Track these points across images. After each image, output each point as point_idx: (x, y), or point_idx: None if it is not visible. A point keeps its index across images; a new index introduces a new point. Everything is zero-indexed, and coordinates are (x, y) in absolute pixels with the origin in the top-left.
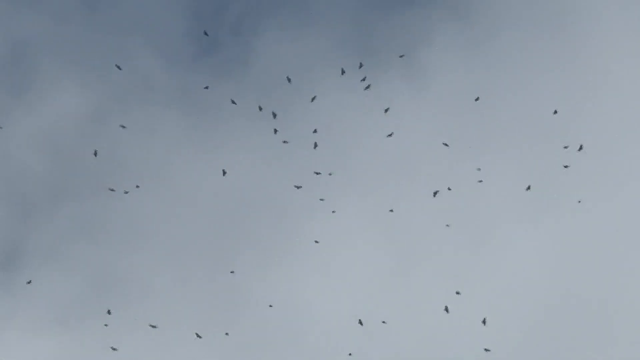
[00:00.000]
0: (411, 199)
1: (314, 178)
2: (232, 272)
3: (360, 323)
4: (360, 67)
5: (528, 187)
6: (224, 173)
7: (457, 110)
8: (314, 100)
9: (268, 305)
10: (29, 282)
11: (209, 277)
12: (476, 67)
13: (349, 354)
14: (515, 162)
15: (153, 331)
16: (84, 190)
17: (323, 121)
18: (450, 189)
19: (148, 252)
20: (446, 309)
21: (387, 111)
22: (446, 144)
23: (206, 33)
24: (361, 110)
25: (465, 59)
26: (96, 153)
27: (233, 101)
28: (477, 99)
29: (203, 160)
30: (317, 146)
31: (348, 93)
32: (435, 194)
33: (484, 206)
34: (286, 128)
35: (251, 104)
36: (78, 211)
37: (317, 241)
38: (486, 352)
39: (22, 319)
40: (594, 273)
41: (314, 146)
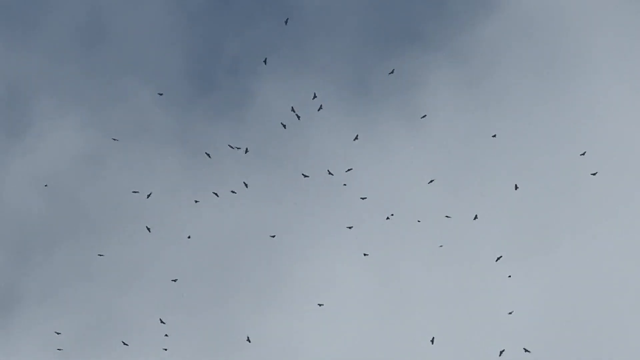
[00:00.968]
0: (406, 241)
1: (308, 218)
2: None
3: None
4: (314, 98)
5: (516, 187)
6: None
7: (452, 149)
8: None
9: (262, 343)
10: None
11: (205, 315)
12: (471, 108)
13: None
14: (509, 199)
15: None
16: (81, 230)
17: (317, 163)
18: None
19: (144, 292)
20: (432, 341)
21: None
22: (432, 180)
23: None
24: (357, 151)
25: (460, 100)
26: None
27: (230, 146)
28: (494, 136)
29: (199, 199)
30: (311, 188)
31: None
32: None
33: (478, 246)
34: (281, 169)
35: (248, 145)
36: (75, 252)
37: (321, 304)
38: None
39: (21, 358)
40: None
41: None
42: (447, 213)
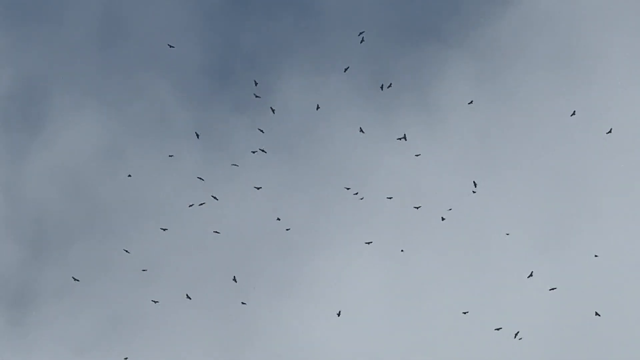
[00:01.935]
0: (421, 237)
1: (326, 214)
2: (244, 304)
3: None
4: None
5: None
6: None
7: (469, 143)
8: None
9: (278, 337)
10: None
11: (222, 310)
12: (488, 102)
13: None
14: (525, 193)
15: None
16: (98, 225)
17: (336, 158)
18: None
19: (161, 286)
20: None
21: (402, 139)
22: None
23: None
24: (374, 145)
25: (477, 95)
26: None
27: (261, 130)
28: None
29: (218, 194)
30: (330, 183)
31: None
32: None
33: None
34: (302, 164)
35: (267, 139)
36: (93, 247)
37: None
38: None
39: (37, 355)
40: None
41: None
42: (463, 207)
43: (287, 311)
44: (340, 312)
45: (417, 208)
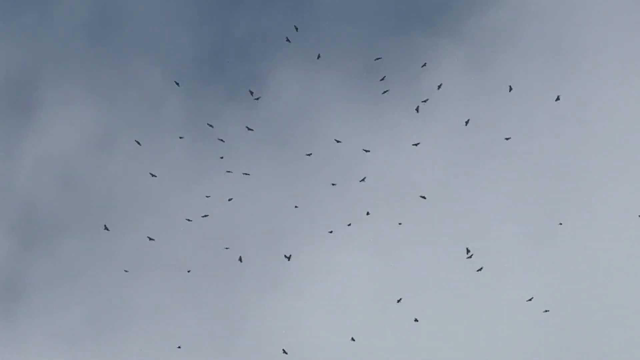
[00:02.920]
0: (411, 229)
1: (315, 204)
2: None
3: (352, 340)
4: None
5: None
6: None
7: (457, 134)
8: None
9: (265, 331)
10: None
11: (210, 301)
12: (476, 89)
13: None
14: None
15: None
16: (90, 216)
17: (326, 148)
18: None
19: (151, 278)
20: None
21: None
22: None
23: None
24: (365, 136)
25: (465, 85)
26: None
27: (249, 128)
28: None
29: (208, 185)
30: (319, 173)
31: (354, 116)
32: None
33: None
34: (292, 155)
35: (260, 131)
36: (83, 238)
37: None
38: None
39: (27, 347)
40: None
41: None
42: (452, 198)
43: (275, 305)
44: (353, 338)
45: (424, 197)
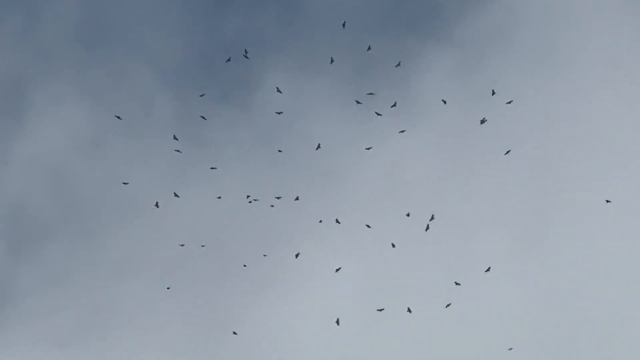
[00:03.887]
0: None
1: (308, 210)
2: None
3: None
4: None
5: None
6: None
7: (445, 137)
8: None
9: (254, 334)
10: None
11: (201, 305)
12: (465, 92)
13: None
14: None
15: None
16: (79, 218)
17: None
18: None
19: (141, 280)
20: (409, 310)
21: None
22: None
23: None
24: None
25: (453, 89)
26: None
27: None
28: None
29: (199, 188)
30: (308, 179)
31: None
32: (427, 228)
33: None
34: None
35: (250, 134)
36: (72, 241)
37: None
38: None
39: (16, 350)
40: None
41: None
42: (439, 203)
43: (267, 308)
44: (338, 320)
45: (408, 215)
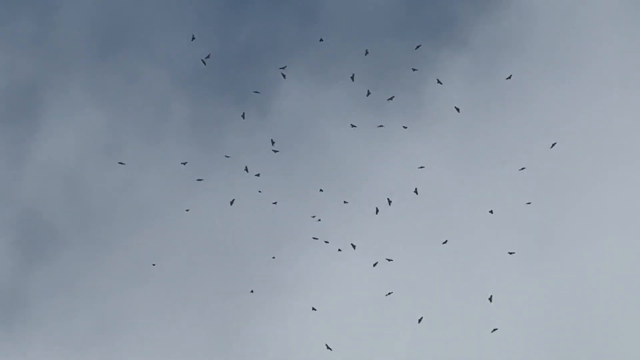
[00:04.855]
0: (410, 243)
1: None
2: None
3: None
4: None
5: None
6: (232, 202)
7: (456, 143)
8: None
9: (263, 336)
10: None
11: (212, 306)
12: (479, 99)
13: None
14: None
15: None
16: (94, 223)
17: (330, 160)
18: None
19: (152, 287)
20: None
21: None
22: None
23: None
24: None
25: (468, 91)
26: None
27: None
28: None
29: (210, 194)
30: (322, 190)
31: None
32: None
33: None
34: (295, 165)
35: (263, 141)
36: (88, 246)
37: (314, 308)
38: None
39: (31, 356)
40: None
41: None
42: (454, 205)
43: (274, 311)
44: (315, 309)
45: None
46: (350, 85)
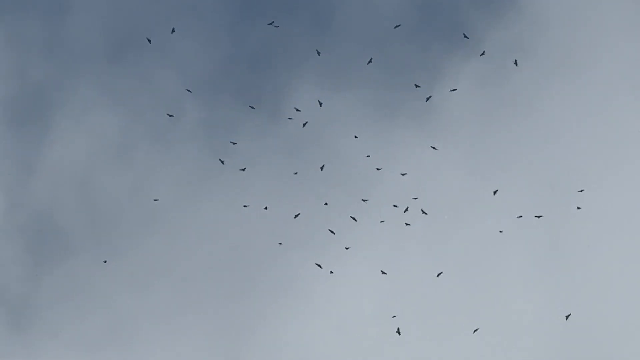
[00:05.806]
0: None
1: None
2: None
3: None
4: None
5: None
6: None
7: (466, 147)
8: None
9: (274, 339)
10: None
11: (222, 310)
12: (490, 104)
13: None
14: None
15: None
16: (107, 227)
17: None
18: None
19: (162, 290)
20: (398, 331)
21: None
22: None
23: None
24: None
25: (479, 96)
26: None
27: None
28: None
29: (222, 198)
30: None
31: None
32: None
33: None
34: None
35: (278, 145)
36: (96, 251)
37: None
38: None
39: (43, 357)
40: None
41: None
42: (464, 211)
43: (283, 314)
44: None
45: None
46: (360, 91)
